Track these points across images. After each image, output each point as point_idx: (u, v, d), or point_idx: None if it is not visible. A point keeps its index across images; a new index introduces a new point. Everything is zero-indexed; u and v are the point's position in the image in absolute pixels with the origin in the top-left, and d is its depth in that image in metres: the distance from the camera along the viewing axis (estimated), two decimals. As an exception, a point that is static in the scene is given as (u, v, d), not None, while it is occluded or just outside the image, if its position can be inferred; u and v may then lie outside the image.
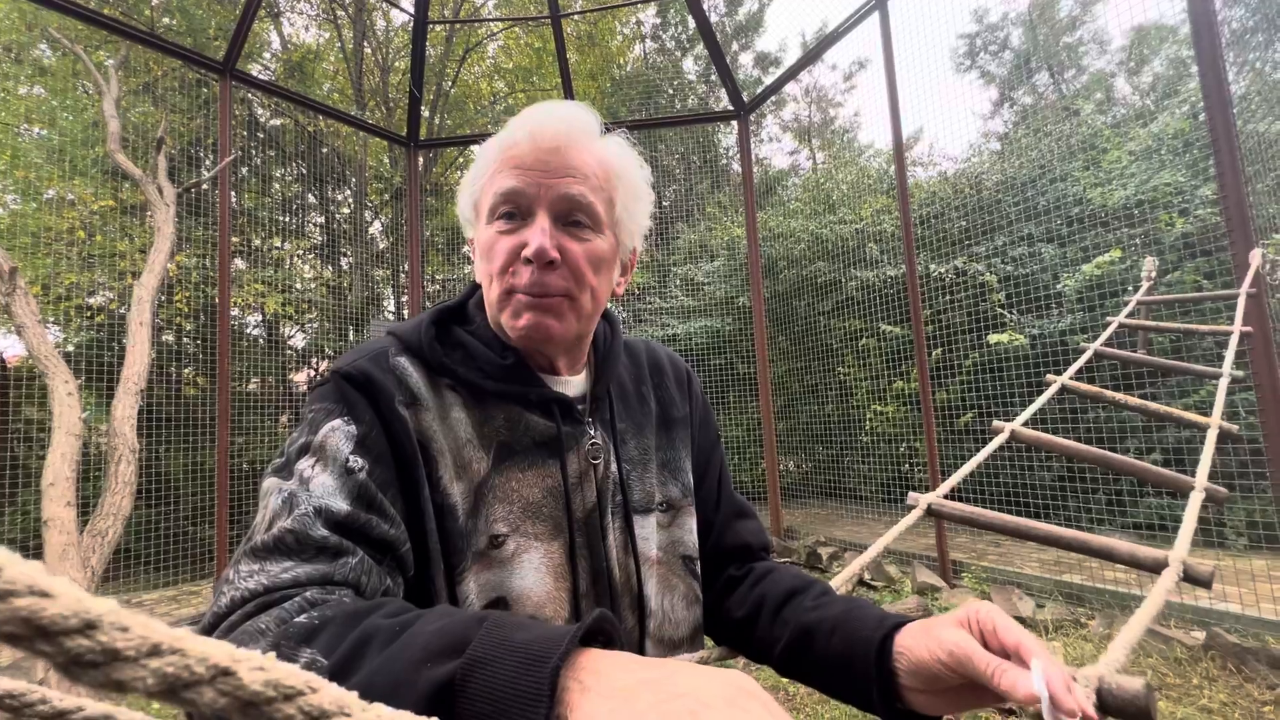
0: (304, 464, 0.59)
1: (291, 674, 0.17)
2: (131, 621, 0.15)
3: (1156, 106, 6.76)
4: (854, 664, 0.62)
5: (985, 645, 0.53)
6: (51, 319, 5.35)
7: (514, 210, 0.67)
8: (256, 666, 0.16)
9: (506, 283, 0.67)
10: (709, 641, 0.83)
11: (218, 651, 0.16)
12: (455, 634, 0.39)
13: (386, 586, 0.58)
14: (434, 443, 0.65)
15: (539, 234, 0.65)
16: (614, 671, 0.34)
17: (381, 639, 0.41)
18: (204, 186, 5.33)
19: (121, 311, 5.38)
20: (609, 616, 0.39)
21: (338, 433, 0.60)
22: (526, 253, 0.65)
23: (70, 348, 5.44)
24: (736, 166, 9.29)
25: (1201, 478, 1.45)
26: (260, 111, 7.75)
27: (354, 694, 0.19)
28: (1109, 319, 2.96)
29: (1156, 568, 1.05)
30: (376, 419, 0.62)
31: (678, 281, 8.55)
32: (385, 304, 8.38)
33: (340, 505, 0.56)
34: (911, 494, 1.39)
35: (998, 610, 0.55)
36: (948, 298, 6.14)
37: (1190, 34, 3.25)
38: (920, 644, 0.57)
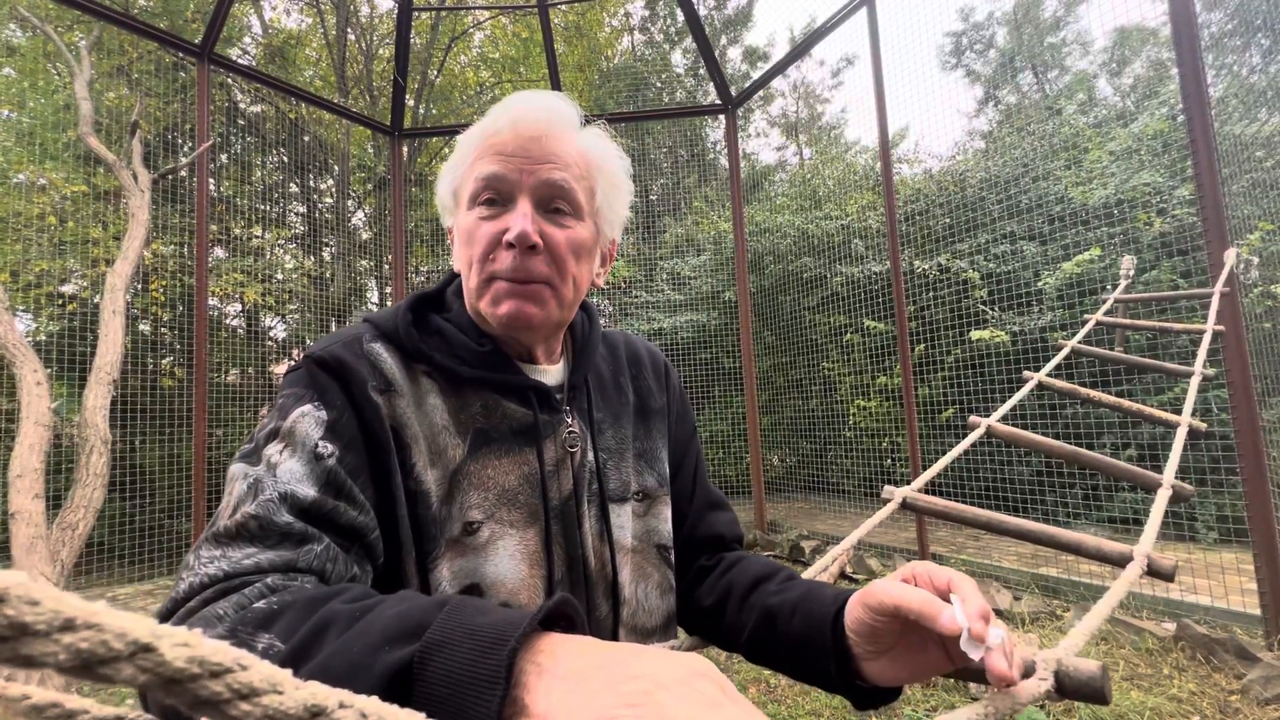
0: (272, 449, 0.58)
1: (219, 650, 0.16)
2: (42, 595, 0.14)
3: (1137, 107, 6.86)
4: (812, 641, 0.63)
5: None
6: (21, 307, 5.20)
7: (495, 196, 0.67)
8: (180, 643, 0.16)
9: (487, 269, 0.67)
10: (681, 632, 0.83)
11: (137, 627, 0.15)
12: (414, 618, 0.38)
13: (353, 574, 0.57)
14: (408, 429, 0.64)
15: (521, 218, 0.65)
16: (571, 654, 0.34)
17: (340, 624, 0.40)
18: (181, 173, 5.21)
19: (95, 300, 5.25)
20: (570, 600, 0.39)
21: (307, 418, 0.59)
22: (508, 237, 0.64)
23: (41, 337, 5.30)
24: (724, 161, 9.28)
25: (1169, 475, 1.48)
26: (240, 97, 7.59)
27: (288, 671, 0.18)
28: (1087, 316, 3.01)
29: (1122, 561, 1.07)
30: (348, 404, 0.62)
31: (664, 275, 8.54)
32: (369, 295, 8.26)
33: (307, 491, 0.55)
34: (887, 488, 1.39)
35: (934, 564, 0.56)
36: (931, 294, 6.20)
37: (1171, 36, 3.29)
38: (860, 603, 0.58)
